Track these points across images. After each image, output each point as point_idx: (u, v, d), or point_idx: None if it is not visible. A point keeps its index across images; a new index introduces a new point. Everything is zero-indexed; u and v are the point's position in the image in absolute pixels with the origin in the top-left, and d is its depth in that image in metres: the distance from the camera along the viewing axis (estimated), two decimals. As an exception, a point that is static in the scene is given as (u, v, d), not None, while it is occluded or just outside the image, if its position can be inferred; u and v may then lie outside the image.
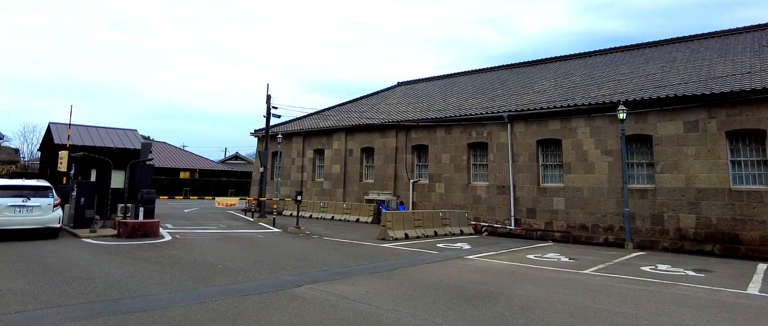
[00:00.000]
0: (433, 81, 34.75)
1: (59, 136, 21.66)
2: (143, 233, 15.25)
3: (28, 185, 14.86)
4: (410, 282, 9.76)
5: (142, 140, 24.02)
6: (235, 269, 10.58)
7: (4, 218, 13.80)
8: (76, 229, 15.94)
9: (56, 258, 11.27)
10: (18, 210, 14.03)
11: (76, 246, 13.30)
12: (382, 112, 29.52)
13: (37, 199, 14.42)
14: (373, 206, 23.99)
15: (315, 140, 30.74)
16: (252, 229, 19.35)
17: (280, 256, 12.62)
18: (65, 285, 8.53)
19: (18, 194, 14.32)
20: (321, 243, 15.62)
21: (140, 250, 12.89)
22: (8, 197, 14.04)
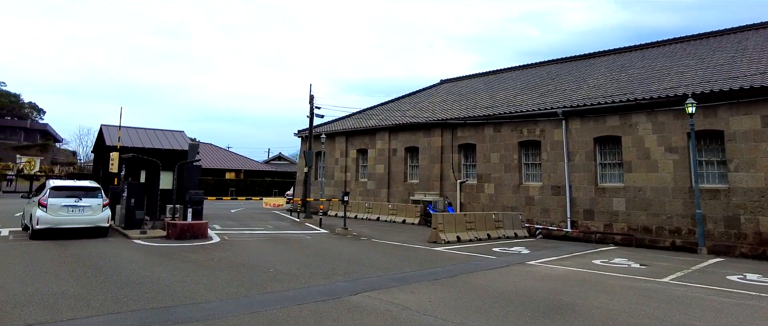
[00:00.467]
0: (477, 78, 33.69)
1: (110, 137, 21.92)
2: (192, 235, 15.04)
3: (80, 186, 15.30)
4: (474, 290, 8.99)
5: (189, 141, 24.08)
6: (286, 273, 10.08)
7: (58, 218, 14.26)
8: (126, 230, 15.91)
9: (108, 260, 11.07)
10: (71, 210, 14.49)
11: (127, 248, 13.15)
12: (426, 110, 28.74)
13: (88, 199, 14.86)
14: (420, 207, 23.25)
15: (358, 139, 30.24)
16: (299, 230, 18.97)
17: (331, 260, 12.08)
18: (117, 289, 8.19)
19: (71, 194, 14.78)
20: (371, 246, 15.02)
21: (190, 252, 12.60)
22: (62, 198, 14.53)
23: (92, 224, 14.71)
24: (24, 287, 8.23)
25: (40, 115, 78.99)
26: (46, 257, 11.32)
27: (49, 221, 14.16)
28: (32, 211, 14.80)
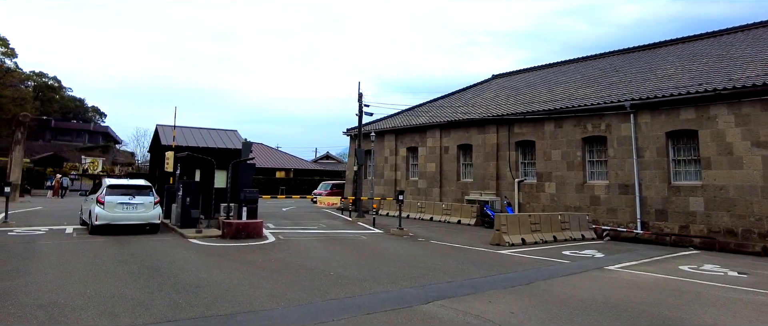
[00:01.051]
0: (532, 72, 32.17)
1: (165, 137, 21.98)
2: (247, 234, 14.63)
3: (133, 185, 15.92)
4: (557, 300, 7.98)
5: (242, 140, 23.93)
6: (348, 277, 9.37)
7: (114, 214, 14.83)
8: (182, 229, 15.70)
9: (165, 260, 10.71)
10: (125, 207, 15.06)
11: (183, 247, 12.84)
12: (479, 106, 27.56)
13: (141, 197, 15.37)
14: (476, 207, 22.17)
15: (408, 137, 29.41)
16: (353, 230, 18.34)
17: (392, 262, 11.30)
18: (175, 293, 7.69)
19: (125, 192, 15.34)
20: (430, 248, 14.16)
21: (246, 253, 12.13)
22: (118, 196, 15.08)
23: (145, 221, 15.25)
24: (83, 288, 7.87)
25: (101, 118, 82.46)
26: (106, 255, 11.09)
27: (107, 217, 14.71)
28: (91, 208, 15.33)
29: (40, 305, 6.77)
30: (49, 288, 7.84)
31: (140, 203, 15.23)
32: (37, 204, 27.24)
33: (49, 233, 14.93)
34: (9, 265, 9.85)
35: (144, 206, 15.26)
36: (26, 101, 58.10)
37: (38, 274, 8.93)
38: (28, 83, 65.73)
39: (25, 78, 64.25)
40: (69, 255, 11.12)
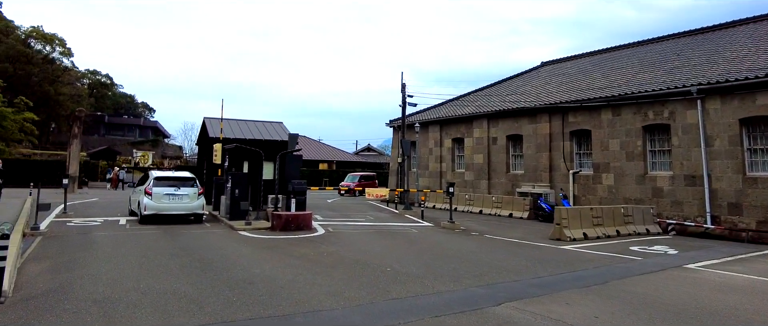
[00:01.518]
0: (584, 58, 30.55)
1: (213, 129, 21.99)
2: (297, 226, 14.26)
3: (178, 177, 16.46)
4: (641, 303, 7.12)
5: (287, 131, 23.69)
6: (407, 274, 8.76)
7: (160, 205, 15.28)
8: (232, 220, 15.50)
9: (217, 253, 10.41)
10: (171, 198, 15.51)
11: (233, 240, 12.57)
12: (529, 95, 26.34)
13: (185, 188, 15.81)
14: (528, 200, 21.14)
15: (453, 128, 28.50)
16: (401, 222, 17.74)
17: (449, 258, 10.62)
18: (228, 290, 7.29)
19: (171, 184, 15.79)
20: (486, 243, 13.39)
21: (297, 246, 11.72)
22: (164, 187, 15.54)
23: (189, 211, 15.74)
24: (137, 282, 7.58)
25: (150, 113, 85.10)
26: (158, 248, 10.90)
27: (154, 207, 15.20)
28: (139, 199, 15.85)
29: (95, 300, 6.48)
30: (103, 281, 7.60)
31: (185, 194, 15.65)
32: (93, 196, 27.98)
33: (104, 224, 15.02)
34: (66, 256, 9.76)
35: (188, 197, 15.68)
36: (82, 98, 60.47)
37: (93, 266, 8.75)
38: (84, 81, 68.37)
39: (80, 76, 66.84)
40: (123, 247, 11.00)
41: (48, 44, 55.68)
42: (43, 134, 54.67)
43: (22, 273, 8.15)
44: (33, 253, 10.11)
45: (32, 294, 6.76)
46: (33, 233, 12.41)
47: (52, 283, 7.43)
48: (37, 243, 11.33)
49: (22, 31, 53.99)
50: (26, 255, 9.91)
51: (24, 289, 7.02)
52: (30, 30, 53.85)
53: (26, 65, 50.52)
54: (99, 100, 69.56)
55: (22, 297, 6.61)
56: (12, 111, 38.67)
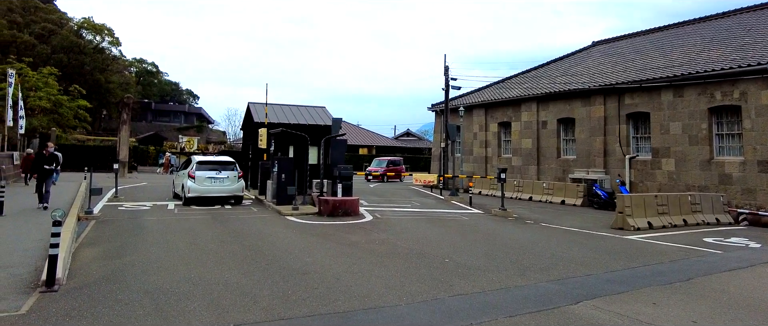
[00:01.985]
0: (639, 37, 28.72)
1: (257, 114, 21.80)
2: (344, 212, 13.83)
3: (219, 161, 16.97)
4: (741, 304, 6.26)
5: (330, 116, 23.29)
6: (468, 266, 8.14)
7: (203, 187, 15.85)
8: (279, 206, 15.23)
9: (266, 240, 10.07)
10: (213, 181, 16.07)
11: (282, 225, 12.24)
12: (581, 76, 24.95)
13: (226, 172, 16.35)
14: (582, 186, 20.03)
15: (499, 112, 27.42)
16: (449, 209, 17.07)
17: (509, 249, 9.93)
18: (282, 281, 6.86)
19: (212, 168, 16.32)
20: (544, 232, 12.58)
21: (347, 232, 11.27)
22: (206, 171, 16.10)
23: (230, 193, 16.29)
24: (188, 270, 7.27)
25: (195, 100, 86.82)
26: (207, 234, 10.67)
27: (197, 190, 15.77)
28: (183, 182, 16.53)
29: (147, 291, 6.16)
30: (154, 269, 7.32)
31: (226, 178, 16.20)
32: (142, 180, 28.52)
33: (154, 209, 15.03)
34: (118, 241, 9.63)
35: (229, 180, 16.24)
36: (130, 86, 62.09)
37: (144, 253, 8.53)
38: (131, 69, 70.23)
39: (128, 65, 68.65)
40: (172, 232, 10.82)
41: (98, 34, 57.21)
42: (95, 121, 56.53)
43: (76, 259, 8.00)
44: (87, 237, 10.04)
45: (85, 281, 6.53)
46: (87, 217, 12.45)
47: (104, 270, 7.21)
48: (90, 227, 11.31)
49: (75, 23, 55.64)
50: (80, 239, 9.84)
51: (77, 276, 6.80)
52: (81, 21, 55.41)
53: (79, 55, 52.09)
54: (146, 87, 71.38)
55: (75, 284, 6.38)
56: (67, 99, 39.94)
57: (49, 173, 13.20)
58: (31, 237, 9.05)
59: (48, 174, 13.16)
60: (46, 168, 13.13)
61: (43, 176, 13.09)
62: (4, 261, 7.31)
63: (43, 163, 13.21)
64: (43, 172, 13.09)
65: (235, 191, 16.36)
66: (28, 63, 38.68)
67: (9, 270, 6.80)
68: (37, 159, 13.49)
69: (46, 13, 53.10)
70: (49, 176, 13.21)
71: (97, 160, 36.66)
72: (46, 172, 13.12)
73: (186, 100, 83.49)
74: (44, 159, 13.25)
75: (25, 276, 6.55)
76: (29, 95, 35.92)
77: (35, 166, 13.41)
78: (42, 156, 13.42)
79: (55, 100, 38.03)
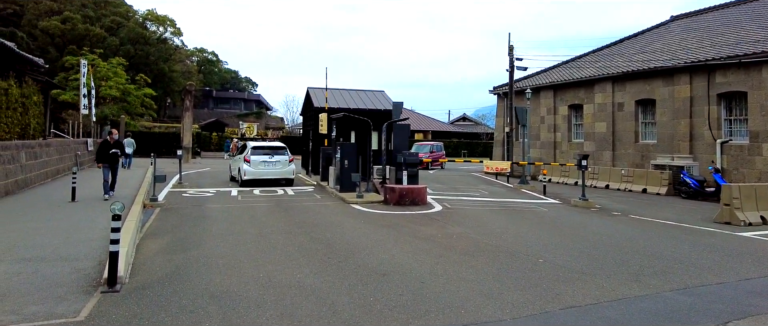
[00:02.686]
0: (728, 8, 25.76)
1: (317, 99, 21.15)
2: (411, 201, 12.88)
3: (272, 146, 18.10)
4: None
5: (390, 100, 22.31)
6: (567, 268, 6.98)
7: (257, 170, 16.91)
8: (342, 193, 14.48)
9: (335, 232, 9.26)
10: (266, 165, 17.09)
11: (348, 214, 11.45)
12: (662, 53, 22.61)
13: (278, 156, 17.35)
14: (667, 173, 18.09)
15: (569, 93, 25.47)
16: (522, 198, 15.76)
17: (606, 246, 8.63)
18: (361, 284, 5.99)
19: (266, 153, 17.42)
20: (638, 225, 11.10)
21: (419, 224, 10.30)
22: (260, 156, 17.20)
23: (282, 175, 17.22)
24: (256, 269, 6.54)
25: (253, 87, 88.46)
26: (273, 224, 10.02)
27: (252, 173, 16.83)
28: (239, 166, 17.48)
29: (213, 295, 5.44)
30: (220, 267, 6.65)
31: (278, 161, 17.18)
32: (205, 166, 28.80)
33: (217, 196, 14.69)
34: (182, 232, 9.13)
35: (281, 164, 17.22)
36: (192, 75, 63.65)
37: (209, 246, 7.92)
38: (193, 59, 72.11)
39: (189, 54, 70.49)
40: (236, 222, 10.25)
41: (161, 25, 58.83)
42: (160, 109, 58.45)
43: (140, 251, 7.49)
44: (151, 227, 9.62)
45: (148, 280, 5.91)
46: (152, 205, 12.16)
47: (168, 266, 6.61)
48: (155, 215, 10.96)
49: (140, 15, 57.47)
50: (145, 228, 9.42)
51: (140, 273, 6.22)
52: (146, 13, 57.11)
53: (144, 46, 53.79)
54: (207, 76, 73.15)
55: (138, 283, 5.77)
56: (134, 87, 41.23)
57: (116, 160, 12.79)
58: (99, 225, 8.68)
59: (114, 161, 12.73)
60: (112, 153, 12.62)
61: (110, 163, 12.60)
62: (70, 251, 6.87)
63: (108, 149, 12.72)
64: (110, 159, 12.60)
65: (286, 173, 17.30)
66: (99, 54, 40.13)
67: (73, 263, 6.31)
68: (103, 146, 12.95)
69: (114, 7, 55.08)
70: (115, 164, 12.80)
71: (162, 146, 37.65)
72: (114, 159, 12.67)
73: (245, 87, 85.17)
74: (110, 146, 12.75)
75: (88, 270, 6.03)
76: (101, 85, 37.24)
77: (101, 154, 12.65)
78: (107, 143, 12.84)
79: (123, 88, 39.28)
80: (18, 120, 15.88)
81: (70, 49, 43.07)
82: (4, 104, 14.54)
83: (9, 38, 24.14)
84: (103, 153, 12.56)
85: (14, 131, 15.60)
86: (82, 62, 27.52)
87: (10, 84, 15.13)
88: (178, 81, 57.68)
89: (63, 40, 46.24)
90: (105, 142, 12.80)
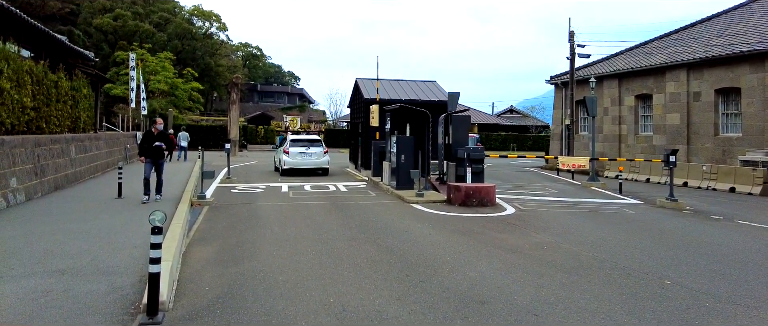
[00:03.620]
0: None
1: (367, 91, 19.95)
2: (479, 201, 11.46)
3: (308, 139, 19.63)
4: None
5: (444, 91, 20.84)
6: (705, 292, 5.44)
7: (295, 161, 18.28)
8: (399, 190, 13.19)
9: (403, 239, 7.99)
10: (303, 156, 18.40)
11: (412, 216, 10.17)
12: (747, 35, 20.16)
13: (314, 148, 18.68)
14: (761, 171, 15.90)
15: (637, 82, 23.29)
16: (596, 198, 14.05)
17: (735, 262, 7.00)
18: (460, 319, 4.68)
19: (303, 145, 18.72)
20: (754, 234, 9.33)
21: (497, 231, 8.90)
22: (298, 147, 18.58)
23: (318, 165, 18.56)
24: (324, 292, 5.32)
25: (296, 81, 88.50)
26: (332, 227, 8.86)
27: (291, 163, 18.21)
28: (280, 157, 19.18)
29: (277, 329, 4.27)
30: (280, 286, 5.49)
31: (314, 153, 18.47)
32: (252, 159, 28.22)
33: (267, 192, 13.73)
34: (233, 237, 8.08)
35: (316, 155, 18.49)
36: (237, 69, 63.86)
37: (265, 256, 6.81)
38: (237, 53, 72.50)
39: (234, 49, 70.85)
40: (291, 224, 9.14)
41: (207, 21, 59.17)
42: (206, 102, 58.91)
43: (187, 262, 6.46)
44: (199, 229, 8.64)
45: (196, 306, 4.80)
46: (200, 203, 11.26)
47: (219, 285, 5.50)
48: (203, 215, 10.01)
49: (186, 11, 57.93)
50: (193, 231, 8.44)
51: (187, 295, 5.13)
52: (192, 9, 57.50)
53: (191, 41, 54.16)
54: (251, 70, 73.46)
55: (184, 312, 4.66)
56: (182, 81, 41.35)
57: (160, 154, 10.84)
58: (143, 228, 7.73)
59: (159, 156, 10.77)
60: (156, 147, 10.62)
61: (153, 158, 10.61)
62: (108, 262, 5.89)
63: (152, 142, 10.63)
64: (154, 153, 10.62)
65: (321, 164, 18.65)
66: (148, 50, 40.38)
67: (111, 279, 5.30)
68: (146, 138, 10.75)
69: (162, 3, 55.68)
70: (160, 159, 10.84)
71: (209, 139, 37.54)
72: (158, 153, 10.69)
73: (288, 81, 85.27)
74: (153, 138, 10.68)
75: (126, 289, 4.99)
76: (150, 79, 37.39)
77: (143, 147, 10.74)
78: (150, 135, 10.71)
79: (171, 82, 39.40)
80: (68, 113, 15.40)
81: (120, 44, 43.63)
82: (55, 97, 14.02)
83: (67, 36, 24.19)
84: (145, 146, 10.67)
85: (64, 124, 15.12)
86: (130, 56, 27.38)
87: (60, 76, 14.61)
88: (223, 75, 58.00)
89: (115, 37, 47.00)
90: (148, 133, 10.84)
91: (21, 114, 11.67)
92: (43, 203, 10.34)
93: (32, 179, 11.32)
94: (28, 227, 7.76)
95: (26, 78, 11.93)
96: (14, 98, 11.20)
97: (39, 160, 11.89)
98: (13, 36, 13.97)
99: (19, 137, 11.26)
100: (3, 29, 12.69)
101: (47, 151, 12.60)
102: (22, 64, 11.90)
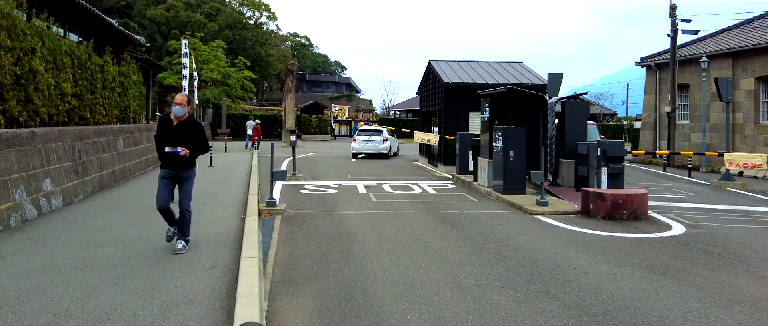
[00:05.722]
0: None
1: (445, 74, 17.05)
2: (630, 214, 8.46)
3: (371, 129, 23.37)
4: None
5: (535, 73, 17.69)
6: None
7: (360, 146, 21.42)
8: (508, 195, 10.29)
9: (582, 284, 5.18)
10: (366, 142, 21.55)
11: (549, 236, 7.32)
12: None
13: (375, 136, 21.85)
14: None
15: (757, 62, 19.32)
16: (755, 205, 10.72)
17: None
18: None
19: (367, 133, 22.27)
20: None
21: (700, 265, 5.94)
22: (363, 136, 21.96)
23: (377, 151, 21.31)
24: None
25: (343, 70, 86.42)
26: (456, 256, 6.17)
27: (357, 148, 21.45)
28: (351, 145, 22.29)
29: None
30: None
31: (375, 140, 21.57)
32: (310, 150, 26.08)
33: (343, 194, 11.24)
34: (333, 277, 5.52)
35: (377, 142, 21.48)
36: (287, 58, 62.15)
37: (385, 313, 4.19)
38: (287, 43, 70.92)
39: (283, 39, 69.27)
40: (402, 252, 6.45)
41: (256, 10, 57.58)
42: (258, 92, 57.62)
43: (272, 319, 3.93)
44: (279, 260, 6.06)
45: None
46: (269, 212, 8.82)
47: None
48: (277, 232, 7.54)
49: (236, 1, 56.52)
50: (271, 262, 5.92)
51: None
52: (242, -1, 55.97)
53: (242, 31, 52.78)
54: (300, 60, 71.74)
55: None
56: (234, 71, 39.81)
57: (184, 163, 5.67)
58: (203, 259, 5.28)
59: (181, 166, 5.67)
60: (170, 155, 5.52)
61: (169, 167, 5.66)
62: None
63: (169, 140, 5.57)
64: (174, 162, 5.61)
65: (381, 150, 21.40)
66: (200, 39, 38.94)
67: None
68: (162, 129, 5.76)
69: (212, -7, 54.35)
70: (182, 171, 5.72)
71: (264, 129, 35.72)
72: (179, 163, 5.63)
73: (335, 71, 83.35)
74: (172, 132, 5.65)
75: None
76: (202, 68, 35.88)
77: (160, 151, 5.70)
78: (167, 124, 5.70)
79: (224, 72, 37.89)
80: (116, 101, 13.38)
81: (173, 33, 42.55)
82: (100, 83, 11.93)
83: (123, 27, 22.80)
84: (160, 146, 5.68)
85: (112, 113, 13.10)
86: (183, 42, 25.56)
87: (107, 60, 12.54)
88: (274, 65, 56.44)
89: (167, 28, 46.14)
90: (164, 121, 5.82)
91: (60, 102, 9.58)
92: (82, 210, 8.21)
93: (71, 179, 9.22)
94: (51, 255, 5.48)
95: (66, 60, 9.81)
96: (50, 83, 9.09)
97: (80, 156, 9.79)
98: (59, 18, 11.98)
99: (55, 129, 9.15)
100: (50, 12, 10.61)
101: (90, 145, 10.51)
102: (60, 43, 9.78)
